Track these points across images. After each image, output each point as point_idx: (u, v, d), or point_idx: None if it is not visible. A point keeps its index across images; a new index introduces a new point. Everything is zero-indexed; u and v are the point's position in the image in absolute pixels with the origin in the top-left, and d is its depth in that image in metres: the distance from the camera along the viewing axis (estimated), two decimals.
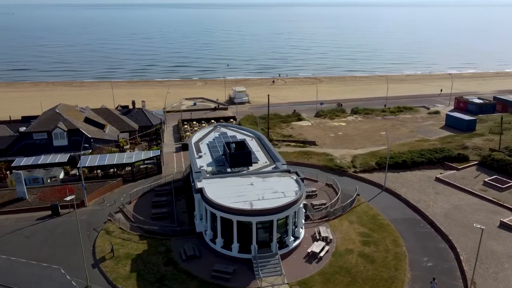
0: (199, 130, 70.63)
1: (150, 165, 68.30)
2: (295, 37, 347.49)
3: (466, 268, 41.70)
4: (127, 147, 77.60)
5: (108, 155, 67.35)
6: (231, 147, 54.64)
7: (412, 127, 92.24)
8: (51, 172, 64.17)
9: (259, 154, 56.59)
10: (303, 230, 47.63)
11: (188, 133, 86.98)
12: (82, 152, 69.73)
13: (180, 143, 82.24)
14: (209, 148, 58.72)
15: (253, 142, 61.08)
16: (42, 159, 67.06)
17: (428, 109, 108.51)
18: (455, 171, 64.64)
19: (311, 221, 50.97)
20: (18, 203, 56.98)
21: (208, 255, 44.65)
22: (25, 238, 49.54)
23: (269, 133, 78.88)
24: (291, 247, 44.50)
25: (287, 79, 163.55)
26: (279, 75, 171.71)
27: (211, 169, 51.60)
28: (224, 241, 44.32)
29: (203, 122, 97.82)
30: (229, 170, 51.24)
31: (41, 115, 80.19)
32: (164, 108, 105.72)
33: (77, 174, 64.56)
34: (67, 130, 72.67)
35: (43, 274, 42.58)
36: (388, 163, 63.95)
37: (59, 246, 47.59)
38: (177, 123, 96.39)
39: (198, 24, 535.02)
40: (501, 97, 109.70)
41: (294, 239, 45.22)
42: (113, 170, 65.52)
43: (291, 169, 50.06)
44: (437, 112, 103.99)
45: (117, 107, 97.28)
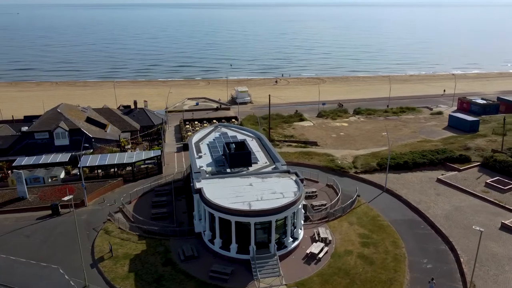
0: (199, 130, 70.59)
1: (150, 165, 68.32)
2: (299, 37, 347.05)
3: (466, 270, 41.36)
4: (128, 147, 77.64)
5: (109, 155, 67.45)
6: (231, 147, 54.54)
7: (414, 127, 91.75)
8: (52, 171, 64.32)
9: (259, 154, 56.41)
10: (302, 231, 47.44)
11: (189, 133, 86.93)
12: (83, 152, 69.98)
13: (181, 143, 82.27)
14: (209, 148, 58.64)
15: (253, 142, 60.94)
16: (43, 158, 67.25)
17: (431, 109, 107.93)
18: (456, 172, 64.21)
19: (310, 222, 50.76)
20: (18, 203, 57.17)
21: (206, 255, 44.55)
22: (25, 237, 49.67)
23: (270, 133, 78.72)
24: (290, 248, 44.32)
25: (290, 79, 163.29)
26: (282, 75, 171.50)
27: (210, 169, 51.53)
28: (222, 242, 44.21)
29: (205, 122, 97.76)
30: (228, 170, 51.14)
31: (43, 114, 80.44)
32: (166, 108, 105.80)
33: (78, 173, 64.65)
34: (68, 129, 72.84)
35: (42, 273, 42.68)
36: (389, 164, 63.68)
37: (58, 245, 47.70)
38: (179, 123, 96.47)
39: (201, 24, 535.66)
40: (504, 97, 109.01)
41: (293, 240, 45.03)
42: (114, 170, 65.59)
43: (290, 170, 49.86)
44: (440, 112, 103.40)
45: (119, 107, 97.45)
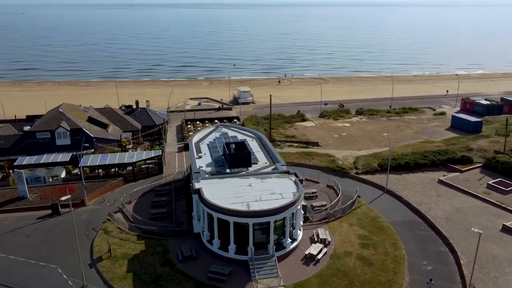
0: (200, 130, 70.50)
1: (151, 165, 68.33)
2: (303, 37, 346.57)
3: (466, 272, 41.05)
4: (130, 146, 77.72)
5: (109, 154, 67.52)
6: (231, 147, 54.38)
7: (417, 128, 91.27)
8: (52, 171, 64.45)
9: (259, 154, 56.24)
10: (301, 232, 47.22)
11: (191, 133, 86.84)
12: (84, 151, 70.13)
13: (182, 143, 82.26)
14: (209, 148, 58.53)
15: (253, 142, 60.77)
16: (44, 158, 67.40)
17: (434, 110, 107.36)
18: (458, 174, 63.78)
19: (310, 223, 50.53)
20: (19, 202, 57.34)
21: (205, 256, 44.45)
22: (24, 237, 49.79)
23: (271, 134, 78.54)
24: (289, 249, 44.13)
25: (292, 79, 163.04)
26: (285, 75, 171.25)
27: (210, 169, 51.43)
28: (221, 242, 44.08)
29: (206, 122, 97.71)
30: (228, 170, 51.03)
31: (45, 114, 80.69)
32: (168, 108, 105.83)
33: (78, 173, 64.73)
34: (70, 129, 73.00)
35: (40, 273, 42.73)
36: (390, 164, 63.38)
37: (58, 245, 47.77)
38: (180, 123, 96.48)
39: (204, 24, 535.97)
40: (508, 98, 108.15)
41: (291, 241, 44.85)
42: (114, 169, 65.63)
43: (290, 170, 49.65)
44: (443, 113, 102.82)
45: (121, 107, 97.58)
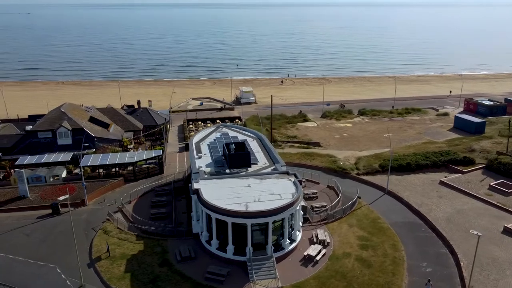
0: (201, 130, 70.42)
1: (152, 165, 68.34)
2: (306, 37, 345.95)
3: (465, 274, 40.70)
4: (131, 146, 77.78)
5: (110, 154, 67.60)
6: (230, 148, 54.26)
7: (419, 129, 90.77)
8: (53, 170, 64.61)
9: (259, 155, 56.09)
10: (300, 233, 47.02)
11: (192, 133, 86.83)
12: (85, 151, 70.25)
13: (183, 143, 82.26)
14: (210, 148, 58.46)
15: (254, 143, 60.63)
16: (45, 157, 67.55)
17: (437, 110, 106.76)
18: (460, 175, 63.33)
19: (309, 223, 50.31)
20: (20, 201, 57.51)
21: (203, 256, 44.35)
22: (24, 236, 49.91)
23: (272, 134, 78.31)
24: (287, 250, 43.94)
25: (295, 80, 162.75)
26: (287, 76, 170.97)
27: (209, 169, 51.36)
28: (219, 243, 43.97)
29: (208, 122, 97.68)
30: (227, 171, 50.92)
31: (47, 114, 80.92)
32: (170, 107, 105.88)
33: (79, 173, 64.83)
34: (71, 129, 73.09)
35: (39, 272, 42.80)
36: (391, 165, 63.05)
37: (57, 244, 47.85)
38: (182, 123, 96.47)
39: (208, 24, 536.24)
40: None
41: (290, 242, 44.65)
42: (115, 169, 65.68)
43: (289, 171, 49.46)
44: (446, 114, 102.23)
45: (123, 107, 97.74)
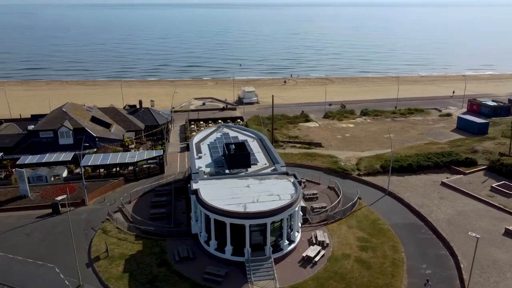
0: (202, 130, 70.38)
1: (152, 165, 68.35)
2: (310, 37, 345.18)
3: (465, 276, 40.28)
4: (132, 146, 77.85)
5: (111, 154, 67.66)
6: (230, 148, 54.14)
7: (422, 129, 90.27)
8: (54, 170, 64.76)
9: (259, 155, 55.92)
10: (299, 234, 46.82)
11: (194, 133, 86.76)
12: (86, 151, 70.39)
13: (185, 143, 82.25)
14: (210, 148, 58.37)
15: (254, 143, 60.48)
16: (46, 157, 67.67)
17: (440, 111, 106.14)
18: (462, 176, 62.87)
19: (309, 224, 50.09)
20: (20, 201, 57.65)
21: (202, 257, 44.25)
22: (24, 235, 50.00)
23: (273, 134, 78.10)
24: (286, 251, 43.74)
25: (298, 80, 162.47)
26: (290, 76, 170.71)
27: (209, 170, 51.26)
28: (218, 244, 43.85)
29: (210, 122, 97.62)
30: (227, 171, 50.81)
31: (49, 114, 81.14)
32: (172, 107, 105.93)
33: (80, 172, 64.96)
34: (72, 128, 73.20)
35: (38, 272, 42.82)
36: (393, 166, 62.71)
37: (57, 244, 47.87)
38: (184, 123, 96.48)
39: (212, 24, 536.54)
40: None
41: (289, 242, 44.44)
42: (116, 169, 65.74)
43: (289, 172, 49.28)
44: (449, 114, 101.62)
45: (125, 107, 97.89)
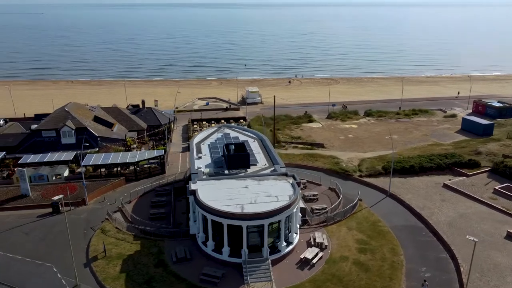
0: (203, 130, 70.26)
1: (153, 165, 68.35)
2: (317, 37, 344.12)
3: (465, 280, 39.74)
4: (134, 146, 77.96)
5: (112, 154, 67.77)
6: (230, 148, 53.95)
7: (426, 130, 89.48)
8: (56, 169, 65.00)
9: (259, 156, 55.66)
10: (297, 235, 46.46)
11: (196, 133, 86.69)
12: (88, 150, 70.61)
13: (187, 143, 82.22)
14: (210, 149, 58.21)
15: (255, 143, 60.23)
16: (48, 156, 67.96)
17: (444, 112, 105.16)
18: (464, 178, 62.12)
19: (308, 226, 49.73)
20: (21, 200, 57.90)
21: (199, 257, 44.07)
22: (24, 234, 50.17)
23: (274, 134, 77.79)
24: (283, 253, 43.44)
25: (303, 80, 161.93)
26: (295, 76, 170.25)
27: (208, 170, 51.08)
28: (215, 244, 43.65)
29: (213, 122, 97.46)
30: (226, 172, 50.63)
31: (52, 113, 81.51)
32: (175, 107, 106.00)
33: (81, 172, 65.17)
34: (75, 128, 73.51)
35: (36, 271, 42.92)
36: (394, 167, 62.20)
37: (56, 243, 47.97)
38: (187, 123, 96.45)
39: (218, 24, 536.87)
40: None
41: (287, 244, 44.13)
42: (117, 169, 65.82)
43: (288, 172, 48.96)
44: (453, 115, 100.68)
45: (128, 106, 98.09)
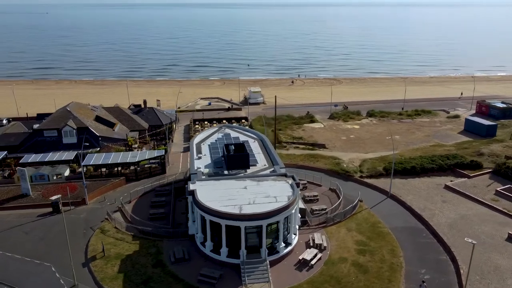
0: (204, 130, 70.18)
1: (154, 165, 68.34)
2: (320, 37, 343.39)
3: (465, 282, 39.37)
4: (135, 146, 77.99)
5: (113, 153, 67.82)
6: (230, 149, 53.81)
7: (428, 131, 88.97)
8: (56, 169, 65.12)
9: (259, 156, 55.49)
10: (296, 236, 46.26)
11: (197, 133, 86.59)
12: (89, 150, 70.72)
13: (188, 143, 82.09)
14: (210, 149, 58.12)
15: (255, 144, 60.07)
16: (49, 156, 68.09)
17: (447, 112, 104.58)
18: (466, 179, 61.69)
19: (308, 227, 49.52)
20: (21, 199, 58.03)
21: (198, 258, 43.97)
22: (24, 234, 50.26)
23: (276, 135, 77.57)
24: (282, 254, 43.26)
25: (306, 80, 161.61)
26: (298, 76, 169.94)
27: (208, 170, 50.99)
28: (213, 245, 43.52)
29: (214, 122, 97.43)
30: (226, 172, 50.50)
31: (53, 113, 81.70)
32: (178, 107, 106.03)
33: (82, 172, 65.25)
34: (76, 128, 73.63)
35: (34, 271, 42.96)
36: (396, 168, 61.87)
37: (55, 243, 48.02)
38: (189, 123, 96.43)
39: (222, 24, 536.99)
40: None
41: (285, 245, 43.94)
42: (117, 169, 65.85)
43: (287, 173, 48.75)
44: (456, 116, 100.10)
45: (130, 106, 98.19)
